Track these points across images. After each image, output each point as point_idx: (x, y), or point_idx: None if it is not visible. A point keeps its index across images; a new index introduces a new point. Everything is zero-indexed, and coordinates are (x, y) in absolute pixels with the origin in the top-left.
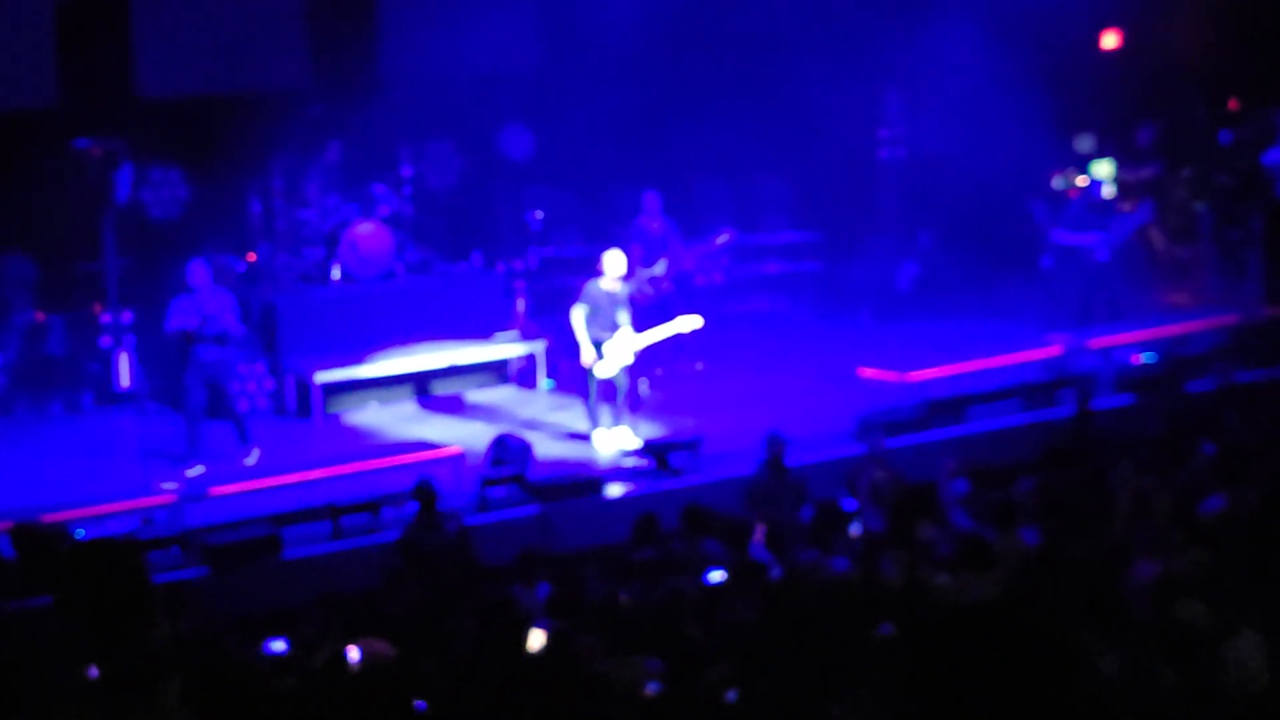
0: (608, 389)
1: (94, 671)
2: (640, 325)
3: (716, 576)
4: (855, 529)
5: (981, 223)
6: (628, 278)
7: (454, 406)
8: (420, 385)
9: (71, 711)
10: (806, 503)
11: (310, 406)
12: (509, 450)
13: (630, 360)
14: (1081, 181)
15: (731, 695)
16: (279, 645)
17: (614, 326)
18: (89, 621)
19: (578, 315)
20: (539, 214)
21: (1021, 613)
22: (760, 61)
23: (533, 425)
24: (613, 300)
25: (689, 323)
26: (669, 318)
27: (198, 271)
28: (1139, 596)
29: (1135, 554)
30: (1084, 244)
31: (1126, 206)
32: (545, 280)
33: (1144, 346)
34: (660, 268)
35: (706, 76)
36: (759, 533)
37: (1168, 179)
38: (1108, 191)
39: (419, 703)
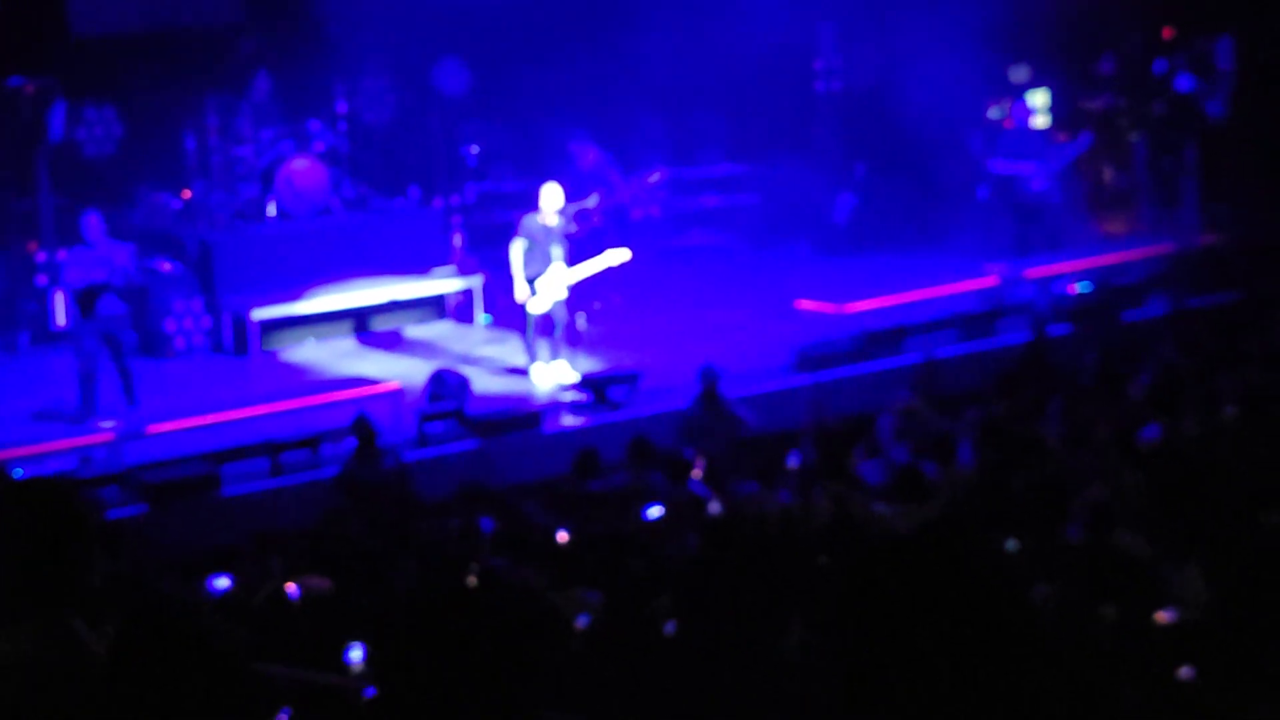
0: (545, 323)
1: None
2: (572, 260)
3: (655, 512)
4: (793, 461)
5: (918, 154)
6: (562, 212)
7: (392, 342)
8: (358, 321)
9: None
10: (740, 435)
11: (247, 344)
12: (447, 385)
13: (564, 295)
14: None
15: (670, 627)
16: (223, 583)
17: (549, 261)
18: (25, 560)
19: (516, 250)
20: (475, 149)
21: (952, 541)
22: None
23: (470, 360)
24: (548, 234)
25: (618, 256)
26: (600, 252)
27: (92, 224)
28: (1077, 525)
29: (1074, 484)
30: (1020, 174)
31: (1063, 136)
32: (482, 215)
33: (1080, 276)
34: (591, 201)
35: (642, 9)
36: (699, 466)
37: (1116, 110)
38: (1042, 121)
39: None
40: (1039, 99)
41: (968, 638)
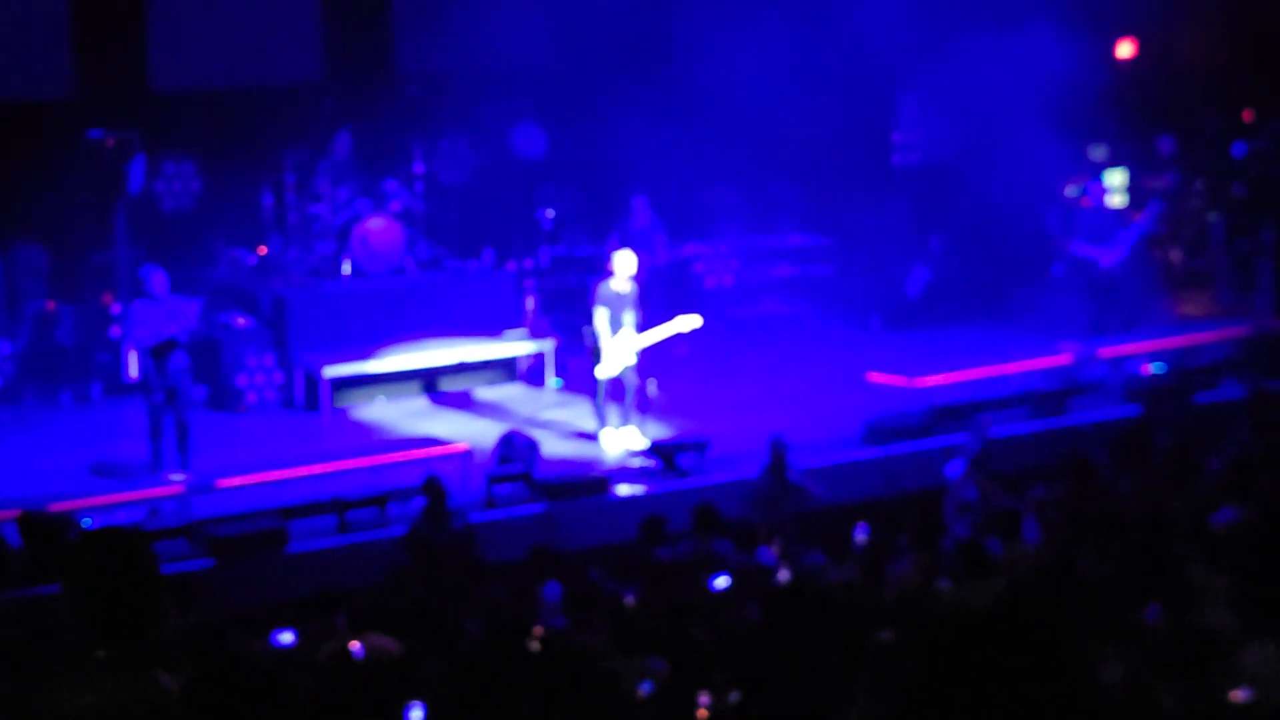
0: (615, 388)
1: (99, 655)
2: (643, 326)
3: (722, 582)
4: (860, 534)
5: (993, 230)
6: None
7: (462, 403)
8: (429, 381)
9: (74, 696)
10: (809, 507)
11: (319, 400)
12: (516, 448)
13: (632, 360)
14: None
15: (734, 697)
16: (287, 637)
17: (620, 327)
18: (96, 610)
19: (600, 318)
20: (550, 212)
21: (1019, 620)
22: (775, 64)
23: (540, 424)
24: (621, 300)
25: (689, 322)
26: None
27: (157, 279)
28: (1150, 606)
29: (1145, 564)
30: (1097, 256)
31: (1138, 215)
32: (555, 279)
33: (1154, 357)
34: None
35: (721, 77)
36: (774, 539)
37: (1183, 189)
38: (1119, 201)
39: (419, 703)
40: (1116, 178)
41: (1031, 715)
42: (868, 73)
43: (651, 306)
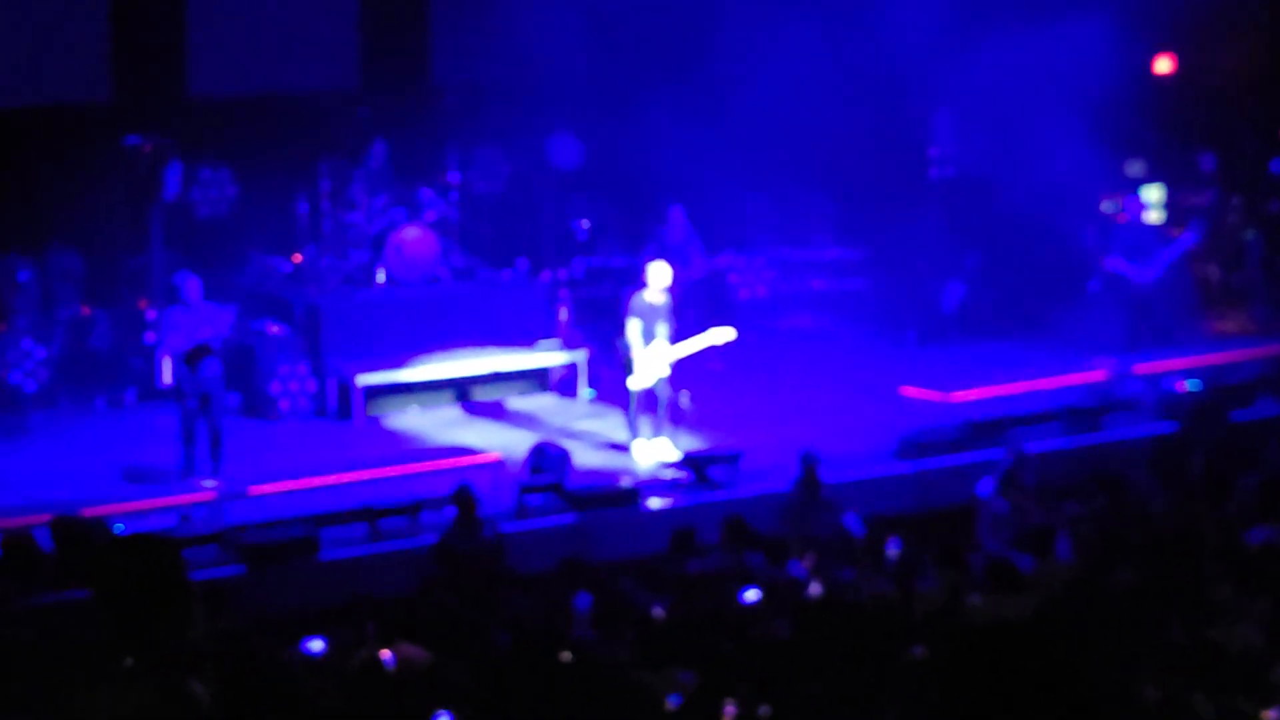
0: (648, 400)
1: (129, 663)
2: (676, 337)
3: (752, 595)
4: (892, 548)
5: (1029, 245)
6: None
7: (495, 413)
8: (462, 391)
9: (104, 702)
10: (843, 517)
11: (351, 408)
12: (548, 458)
13: (665, 372)
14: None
15: (764, 710)
16: (316, 645)
17: (654, 338)
18: (126, 616)
19: (633, 329)
20: (585, 223)
21: (1050, 636)
22: (811, 76)
23: (572, 434)
24: (655, 312)
25: (723, 334)
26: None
27: (191, 285)
28: (1181, 624)
29: (1178, 581)
30: (1133, 273)
31: (1175, 232)
32: (589, 289)
33: (1190, 374)
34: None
35: (757, 88)
36: (798, 550)
37: (1221, 206)
38: (1156, 217)
39: (446, 712)
40: (1153, 194)
41: None
42: (904, 86)
43: (687, 318)
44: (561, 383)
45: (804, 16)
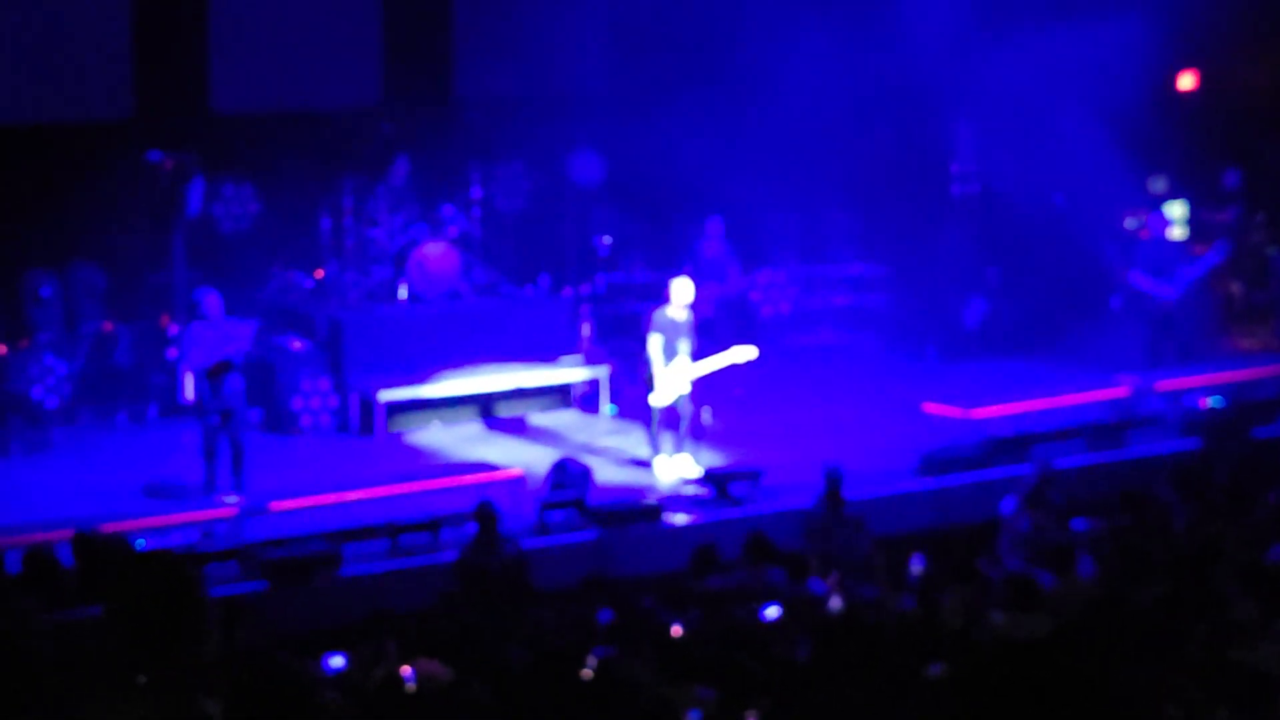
0: (670, 416)
1: (142, 680)
2: (699, 354)
3: (773, 612)
4: (915, 565)
5: (1051, 261)
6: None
7: (517, 429)
8: (484, 407)
9: (118, 717)
10: (864, 537)
11: (373, 424)
12: (569, 475)
13: (687, 388)
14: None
15: None
16: (338, 661)
17: (676, 354)
18: (139, 633)
19: (655, 345)
20: (607, 239)
21: (1070, 653)
22: (833, 92)
23: (594, 450)
24: (677, 328)
25: (745, 353)
26: (727, 348)
27: (211, 301)
28: (1203, 642)
29: (1201, 600)
30: (1156, 289)
31: (1199, 249)
32: (611, 305)
33: (1212, 391)
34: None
35: (778, 104)
36: (819, 567)
37: (1244, 222)
38: (1179, 233)
39: None
40: (1176, 210)
41: None
42: (926, 102)
43: (718, 335)
44: (583, 399)
45: (826, 32)
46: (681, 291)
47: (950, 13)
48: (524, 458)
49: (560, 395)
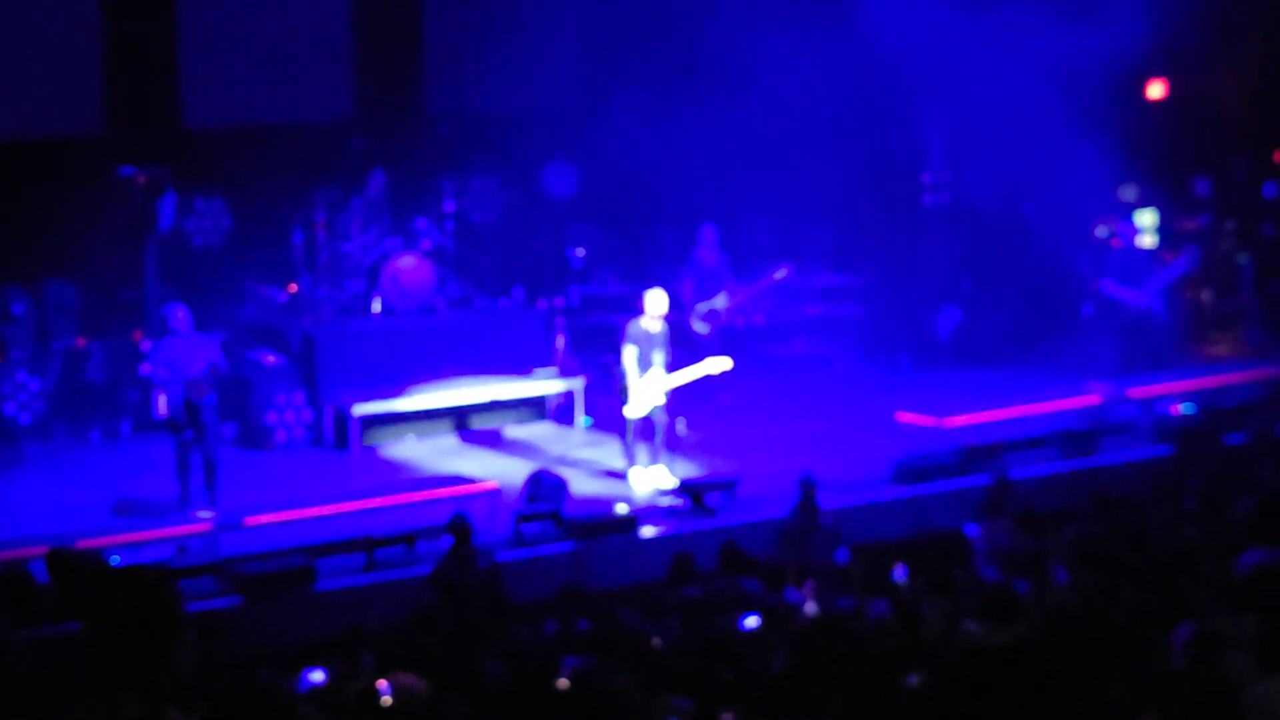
0: (644, 428)
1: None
2: (702, 358)
3: (751, 622)
4: (899, 574)
5: (1023, 270)
6: (682, 313)
7: (491, 441)
8: (458, 420)
9: None
10: (840, 546)
11: (348, 438)
12: (545, 487)
13: (661, 400)
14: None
15: None
16: (317, 676)
17: (650, 366)
18: (113, 649)
19: (629, 357)
20: (580, 251)
21: (1045, 662)
22: (806, 104)
23: (569, 462)
24: (651, 340)
25: (719, 364)
26: (733, 351)
27: (179, 315)
28: (1179, 651)
29: (1174, 608)
30: (1128, 296)
31: (1169, 257)
32: (585, 318)
33: (1184, 398)
34: (721, 301)
35: (750, 118)
36: (794, 575)
37: (1214, 230)
38: (1150, 241)
39: None
40: (1147, 219)
41: None
42: (897, 113)
43: (701, 347)
44: (558, 411)
45: (798, 45)
46: (654, 303)
47: (920, 24)
48: (499, 470)
49: (535, 408)
